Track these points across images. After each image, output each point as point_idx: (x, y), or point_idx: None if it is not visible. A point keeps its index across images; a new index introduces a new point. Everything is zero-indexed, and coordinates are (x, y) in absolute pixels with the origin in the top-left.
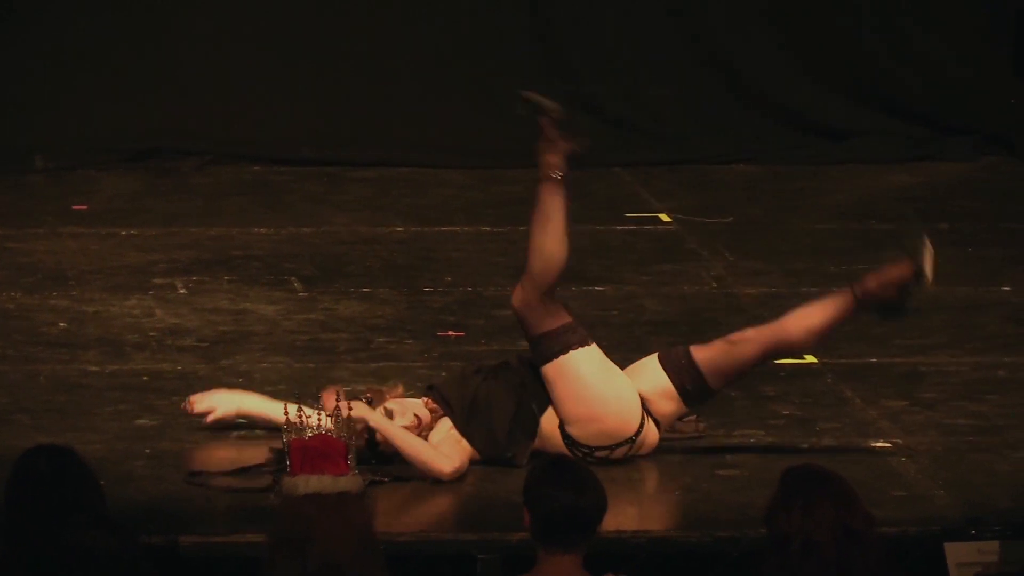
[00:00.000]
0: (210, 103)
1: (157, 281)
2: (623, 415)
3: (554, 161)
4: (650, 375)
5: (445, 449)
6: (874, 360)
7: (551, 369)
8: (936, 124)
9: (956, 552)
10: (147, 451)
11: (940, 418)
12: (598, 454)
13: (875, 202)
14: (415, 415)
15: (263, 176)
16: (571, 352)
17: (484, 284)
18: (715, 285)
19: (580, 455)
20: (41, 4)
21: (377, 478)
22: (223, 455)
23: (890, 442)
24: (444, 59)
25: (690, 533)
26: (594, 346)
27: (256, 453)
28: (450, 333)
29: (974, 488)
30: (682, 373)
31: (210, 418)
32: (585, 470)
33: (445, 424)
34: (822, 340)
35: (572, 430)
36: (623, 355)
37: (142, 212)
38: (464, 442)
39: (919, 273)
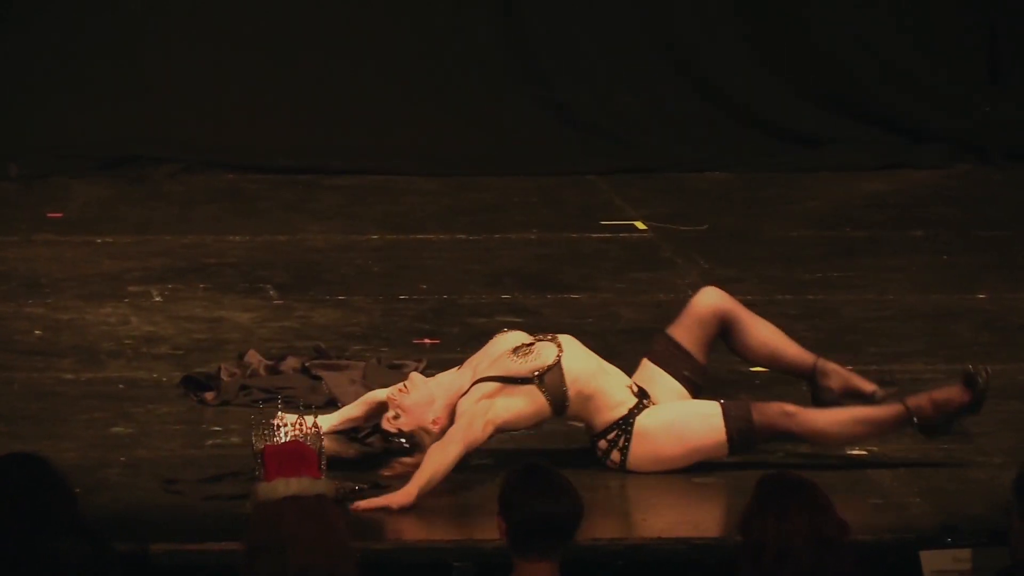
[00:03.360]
0: (184, 111)
1: (132, 289)
2: None
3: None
4: (710, 420)
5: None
6: (850, 368)
7: None
8: (909, 131)
9: (931, 560)
10: (122, 459)
11: None
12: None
13: (849, 209)
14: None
15: (237, 184)
16: None
17: (459, 292)
18: (690, 293)
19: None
20: (13, 12)
21: (357, 486)
22: (197, 463)
23: (865, 449)
24: (417, 67)
25: (666, 541)
26: None
27: (230, 461)
28: (425, 341)
29: (949, 496)
30: (740, 426)
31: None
32: (560, 477)
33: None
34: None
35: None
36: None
37: (116, 220)
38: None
39: (976, 405)
